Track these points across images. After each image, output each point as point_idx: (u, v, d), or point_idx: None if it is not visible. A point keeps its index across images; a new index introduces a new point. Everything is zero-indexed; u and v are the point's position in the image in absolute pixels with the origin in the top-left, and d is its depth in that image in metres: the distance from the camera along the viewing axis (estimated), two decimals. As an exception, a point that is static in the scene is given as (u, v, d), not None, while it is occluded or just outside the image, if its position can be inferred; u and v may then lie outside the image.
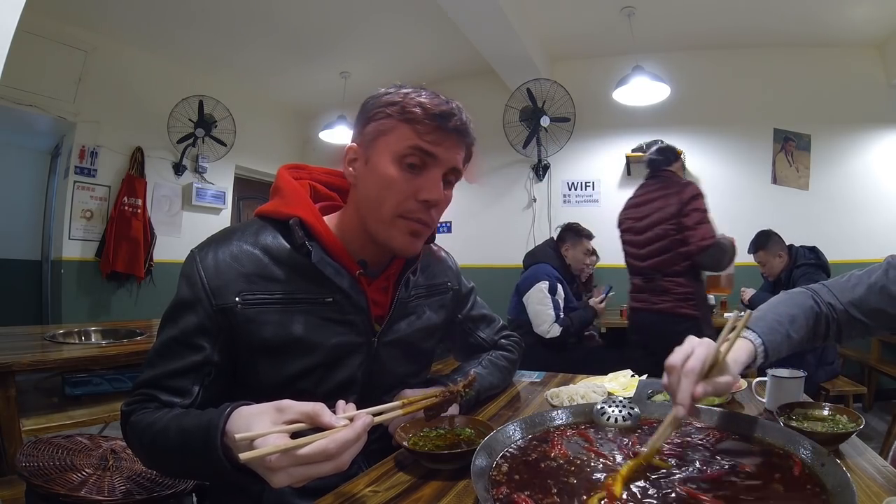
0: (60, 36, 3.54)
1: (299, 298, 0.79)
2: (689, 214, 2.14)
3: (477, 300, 1.13)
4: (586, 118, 4.17)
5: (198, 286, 0.75)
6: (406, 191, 0.77)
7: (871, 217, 3.75)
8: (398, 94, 0.78)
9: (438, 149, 0.77)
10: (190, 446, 0.64)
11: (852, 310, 0.84)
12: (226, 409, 0.63)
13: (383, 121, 0.77)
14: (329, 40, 4.02)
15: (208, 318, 0.75)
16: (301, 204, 0.82)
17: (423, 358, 0.99)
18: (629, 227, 2.44)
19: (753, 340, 0.76)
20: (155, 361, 0.76)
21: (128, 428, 0.75)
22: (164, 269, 4.10)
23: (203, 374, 0.75)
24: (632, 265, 2.45)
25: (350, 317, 0.82)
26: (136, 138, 4.06)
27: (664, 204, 2.24)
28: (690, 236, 2.13)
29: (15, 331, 2.09)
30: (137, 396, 0.76)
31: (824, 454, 0.57)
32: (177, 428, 0.67)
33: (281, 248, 0.79)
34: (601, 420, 0.75)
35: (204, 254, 0.78)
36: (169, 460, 0.72)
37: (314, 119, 5.41)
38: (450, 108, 0.77)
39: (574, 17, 3.74)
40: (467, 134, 0.80)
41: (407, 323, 0.90)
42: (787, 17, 3.57)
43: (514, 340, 1.18)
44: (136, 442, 0.74)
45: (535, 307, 2.76)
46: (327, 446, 0.54)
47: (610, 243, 2.89)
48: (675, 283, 2.22)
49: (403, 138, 0.76)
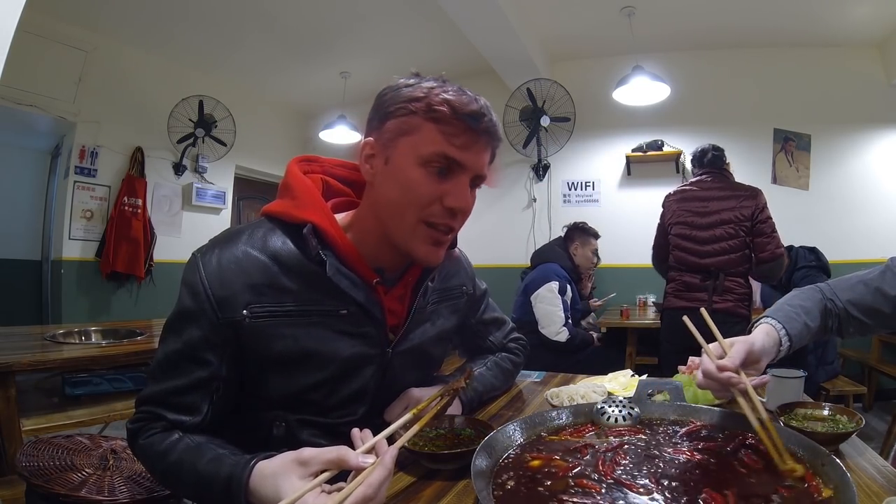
0: (60, 36, 3.53)
1: (311, 311, 0.74)
2: (766, 221, 2.18)
3: (490, 303, 1.11)
4: (586, 118, 4.17)
5: (201, 296, 0.70)
6: (431, 195, 0.71)
7: (871, 217, 3.75)
8: (421, 88, 0.71)
9: (467, 154, 0.71)
10: (210, 493, 0.63)
11: (850, 308, 0.86)
12: (246, 464, 0.61)
13: (406, 118, 0.70)
14: (329, 40, 4.02)
15: (213, 330, 0.70)
16: (314, 206, 0.75)
17: (434, 363, 0.97)
18: (687, 220, 2.30)
19: (775, 326, 0.81)
20: (158, 376, 0.72)
21: (137, 449, 0.72)
22: (164, 269, 4.10)
23: (212, 390, 0.72)
24: (686, 261, 2.29)
25: (365, 329, 0.78)
26: (136, 138, 4.06)
27: (737, 204, 2.21)
28: (766, 243, 2.16)
29: (15, 331, 2.09)
30: (143, 414, 0.72)
31: (824, 454, 0.57)
32: (191, 469, 0.66)
33: (291, 255, 0.73)
34: (601, 420, 0.75)
35: (207, 259, 0.72)
36: (185, 493, 0.71)
37: (314, 119, 5.42)
38: (479, 107, 0.72)
39: (574, 17, 3.74)
40: (496, 136, 0.75)
41: (422, 331, 0.87)
42: (787, 17, 3.56)
43: (521, 343, 1.17)
44: (147, 465, 0.73)
45: (545, 308, 2.73)
46: (366, 492, 0.53)
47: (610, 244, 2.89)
48: (737, 283, 2.21)
49: (429, 141, 0.70)
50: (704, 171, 2.38)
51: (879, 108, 3.77)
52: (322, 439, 0.77)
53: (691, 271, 2.28)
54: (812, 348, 2.66)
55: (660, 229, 2.46)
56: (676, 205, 2.38)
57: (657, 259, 2.50)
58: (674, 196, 2.42)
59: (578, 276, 3.07)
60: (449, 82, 0.74)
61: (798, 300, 0.87)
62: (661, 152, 4.05)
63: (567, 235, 3.05)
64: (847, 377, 2.90)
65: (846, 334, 0.88)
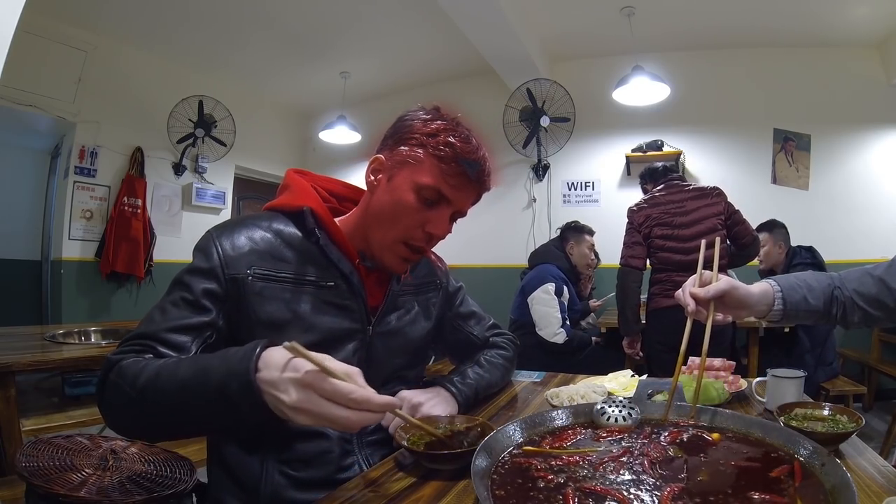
0: (60, 36, 3.54)
1: (303, 280, 0.84)
2: (738, 212, 2.41)
3: (466, 298, 1.14)
4: (586, 118, 4.17)
5: (213, 256, 0.79)
6: (416, 220, 0.83)
7: (871, 217, 3.75)
8: (433, 124, 0.83)
9: (456, 193, 0.84)
10: (208, 378, 0.60)
11: (856, 297, 0.88)
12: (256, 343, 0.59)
13: (415, 149, 0.82)
14: (329, 40, 4.02)
15: (219, 285, 0.78)
16: (310, 197, 0.88)
17: (417, 353, 1.00)
18: (667, 221, 2.37)
19: (773, 286, 0.86)
20: (157, 317, 0.75)
21: (112, 374, 0.68)
22: (163, 269, 4.10)
23: (204, 336, 0.76)
24: (672, 260, 2.36)
25: (348, 302, 0.86)
26: (136, 138, 4.06)
27: (709, 201, 2.37)
28: (746, 230, 2.42)
29: (15, 331, 2.09)
30: (131, 346, 0.72)
31: (824, 454, 0.57)
32: (193, 362, 0.64)
33: (292, 233, 0.86)
34: (601, 420, 0.75)
35: (220, 232, 0.83)
36: (169, 400, 0.63)
37: (314, 119, 5.41)
38: (478, 156, 0.84)
39: (574, 17, 3.74)
40: (485, 184, 0.88)
41: (397, 316, 0.94)
42: (787, 17, 3.56)
43: (509, 338, 1.18)
44: (125, 386, 0.66)
45: (542, 309, 2.73)
46: (354, 391, 0.54)
47: (610, 244, 2.88)
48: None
49: (428, 174, 0.82)
50: (662, 181, 2.51)
51: (879, 108, 3.77)
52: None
53: (678, 270, 2.34)
54: (810, 348, 2.67)
55: (633, 234, 2.46)
56: (650, 209, 2.43)
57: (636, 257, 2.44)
58: (644, 203, 2.47)
59: (577, 276, 3.07)
60: (462, 126, 0.85)
61: (806, 277, 0.90)
62: (661, 152, 4.05)
63: (562, 236, 3.06)
64: (847, 377, 2.90)
65: (851, 324, 0.90)
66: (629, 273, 2.43)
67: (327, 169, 5.03)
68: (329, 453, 0.83)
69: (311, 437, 0.82)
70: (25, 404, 1.64)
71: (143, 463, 1.05)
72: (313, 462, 0.82)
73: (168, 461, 1.06)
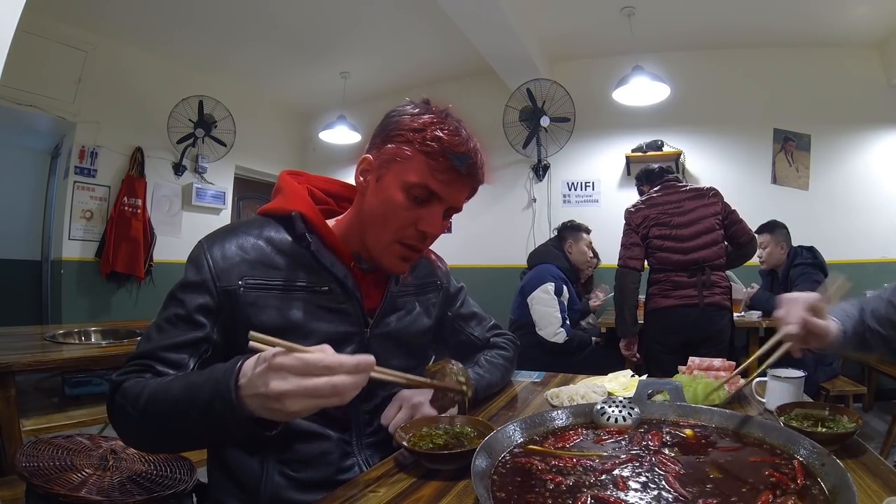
0: (60, 36, 3.54)
1: (297, 286, 0.83)
2: (734, 212, 2.41)
3: (467, 299, 1.13)
4: (586, 118, 4.17)
5: (204, 269, 0.79)
6: (407, 219, 0.81)
7: (871, 217, 3.75)
8: (420, 119, 0.80)
9: (446, 189, 0.81)
10: (196, 399, 0.62)
11: (870, 319, 0.88)
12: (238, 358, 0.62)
13: (402, 146, 0.80)
14: (329, 40, 4.02)
15: (212, 298, 0.78)
16: (301, 201, 0.87)
17: (417, 354, 0.99)
18: (666, 221, 2.36)
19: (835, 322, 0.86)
20: (154, 336, 0.77)
21: (118, 395, 0.71)
22: (163, 269, 4.10)
23: (201, 351, 0.77)
24: (671, 260, 2.34)
25: (344, 306, 0.86)
26: (136, 138, 4.06)
27: (706, 202, 2.37)
28: (744, 229, 2.42)
29: (15, 331, 2.09)
30: (133, 367, 0.75)
31: (824, 454, 0.57)
32: (183, 382, 0.66)
33: (283, 239, 0.85)
34: (601, 420, 0.75)
35: (211, 243, 0.82)
36: (166, 419, 0.67)
37: (314, 119, 5.42)
38: (467, 149, 0.80)
39: (574, 17, 3.74)
40: (478, 177, 0.84)
41: (397, 317, 0.93)
42: (787, 17, 3.57)
43: (509, 339, 1.18)
44: (128, 407, 0.69)
45: (542, 309, 2.73)
46: (323, 358, 0.55)
47: (611, 244, 2.88)
48: (720, 276, 2.34)
49: (416, 171, 0.79)
50: (659, 182, 2.50)
51: (879, 108, 3.77)
52: (307, 420, 0.81)
53: (677, 270, 2.34)
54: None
55: (631, 235, 2.45)
56: (648, 210, 2.42)
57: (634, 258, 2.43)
58: (641, 204, 2.47)
59: (577, 276, 3.07)
60: (451, 117, 0.82)
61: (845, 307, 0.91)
62: (661, 152, 4.05)
63: (559, 236, 3.06)
64: (847, 377, 2.90)
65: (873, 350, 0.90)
66: (627, 274, 2.43)
67: (327, 169, 5.03)
68: (329, 454, 0.83)
69: (311, 438, 0.82)
70: (25, 404, 1.64)
71: (143, 463, 1.05)
72: (313, 463, 0.82)
73: (168, 461, 1.06)
